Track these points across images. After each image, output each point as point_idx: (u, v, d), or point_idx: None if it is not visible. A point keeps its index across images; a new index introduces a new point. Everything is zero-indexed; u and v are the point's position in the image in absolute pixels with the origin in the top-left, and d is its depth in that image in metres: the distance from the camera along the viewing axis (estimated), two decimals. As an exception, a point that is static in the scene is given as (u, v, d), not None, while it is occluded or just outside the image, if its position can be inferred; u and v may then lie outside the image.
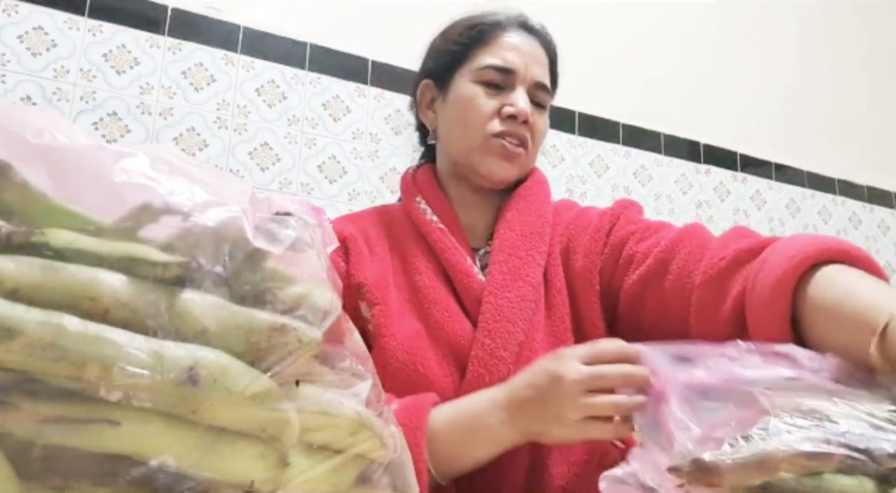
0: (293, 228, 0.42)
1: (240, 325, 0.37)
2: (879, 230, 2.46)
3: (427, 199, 0.92)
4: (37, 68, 1.40)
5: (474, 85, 0.88)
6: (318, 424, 0.39)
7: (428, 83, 0.95)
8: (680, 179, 2.11)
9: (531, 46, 0.91)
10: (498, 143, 0.87)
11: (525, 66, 0.89)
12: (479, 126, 0.87)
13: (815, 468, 0.43)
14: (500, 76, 0.88)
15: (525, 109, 0.86)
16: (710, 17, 2.28)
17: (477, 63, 0.89)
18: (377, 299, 0.84)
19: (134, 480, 0.33)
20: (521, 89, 0.88)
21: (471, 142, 0.88)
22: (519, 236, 0.87)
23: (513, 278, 0.83)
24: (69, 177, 0.38)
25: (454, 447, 0.69)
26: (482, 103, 0.87)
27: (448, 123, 0.91)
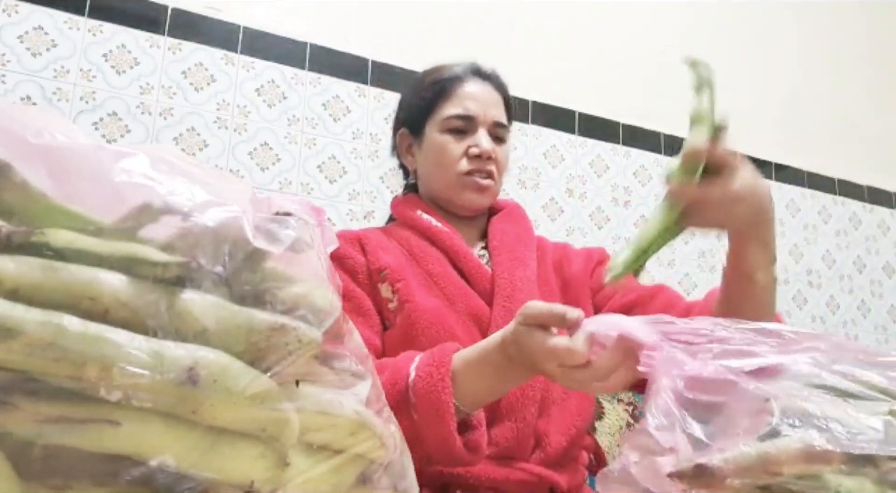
0: (293, 229, 0.42)
1: (240, 325, 0.37)
2: (879, 230, 2.46)
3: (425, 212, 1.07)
4: (37, 68, 1.40)
5: (443, 134, 1.04)
6: (318, 424, 0.39)
7: (404, 132, 1.11)
8: (680, 179, 2.11)
9: (486, 92, 1.07)
10: (470, 179, 1.03)
11: (483, 111, 1.05)
12: (451, 167, 1.03)
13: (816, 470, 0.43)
14: (463, 123, 1.04)
15: (488, 149, 1.03)
16: (710, 17, 2.29)
17: (443, 114, 1.05)
18: (399, 276, 0.96)
19: (134, 480, 0.33)
20: (483, 130, 1.04)
21: (447, 181, 1.04)
22: (512, 238, 1.05)
23: (517, 266, 1.00)
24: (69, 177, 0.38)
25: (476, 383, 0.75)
26: (451, 148, 1.03)
27: (426, 167, 1.08)
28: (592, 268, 1.07)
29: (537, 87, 1.91)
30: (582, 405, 0.95)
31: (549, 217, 1.89)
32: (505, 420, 0.88)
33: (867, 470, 0.43)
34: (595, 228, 1.95)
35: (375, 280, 0.97)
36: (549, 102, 1.94)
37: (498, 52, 1.90)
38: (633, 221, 2.01)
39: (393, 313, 0.94)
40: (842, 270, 2.34)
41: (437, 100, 1.06)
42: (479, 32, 1.87)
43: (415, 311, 0.91)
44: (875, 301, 2.39)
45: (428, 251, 1.00)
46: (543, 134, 1.92)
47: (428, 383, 0.74)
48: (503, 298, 0.94)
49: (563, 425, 0.92)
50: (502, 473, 0.85)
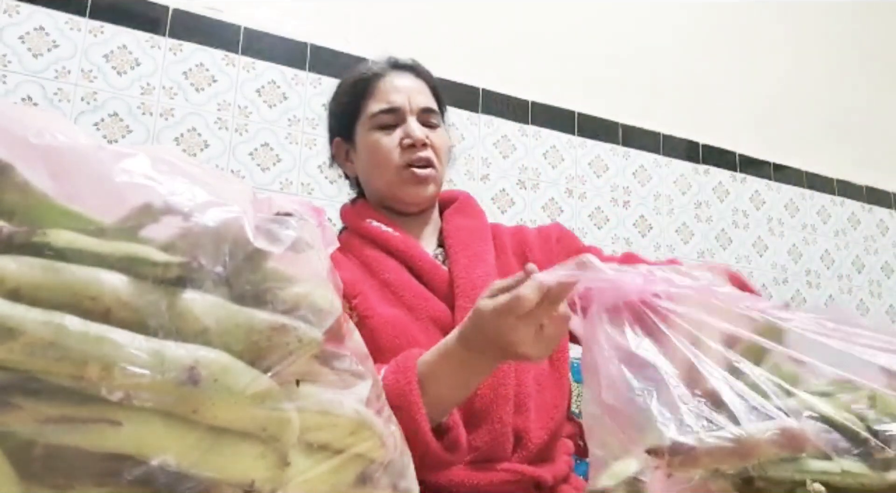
0: (294, 229, 0.42)
1: (240, 325, 0.37)
2: (878, 230, 2.46)
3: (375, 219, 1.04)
4: (38, 69, 1.41)
5: (372, 132, 1.02)
6: (318, 423, 0.40)
7: (338, 141, 1.09)
8: (679, 179, 2.12)
9: (408, 81, 1.05)
10: (408, 172, 1.00)
11: (407, 99, 1.02)
12: (387, 164, 1.00)
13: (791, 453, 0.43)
14: (389, 117, 1.02)
15: (419, 136, 1.00)
16: (708, 17, 2.29)
17: (368, 113, 1.03)
18: (355, 291, 0.93)
19: (135, 479, 0.33)
20: (412, 119, 1.01)
21: (387, 178, 1.01)
22: (468, 234, 1.01)
23: (476, 262, 0.96)
24: (70, 177, 0.38)
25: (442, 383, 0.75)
26: (384, 144, 1.01)
27: (364, 169, 1.05)
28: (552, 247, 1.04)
29: (537, 87, 1.91)
30: (558, 396, 0.94)
31: (549, 217, 1.89)
32: (481, 423, 0.86)
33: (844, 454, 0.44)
34: (595, 228, 1.95)
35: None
36: (548, 103, 1.94)
37: (498, 52, 1.90)
38: (632, 222, 2.01)
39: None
40: (841, 270, 2.34)
41: (360, 100, 1.04)
42: (479, 33, 1.87)
43: (375, 325, 0.89)
44: (874, 301, 2.39)
45: (382, 261, 0.97)
46: (543, 134, 1.92)
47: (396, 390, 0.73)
48: (464, 299, 0.92)
49: (542, 419, 0.90)
50: (485, 476, 0.84)
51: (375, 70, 1.05)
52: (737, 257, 2.13)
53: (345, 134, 1.07)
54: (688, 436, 0.44)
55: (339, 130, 1.09)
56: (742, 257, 2.14)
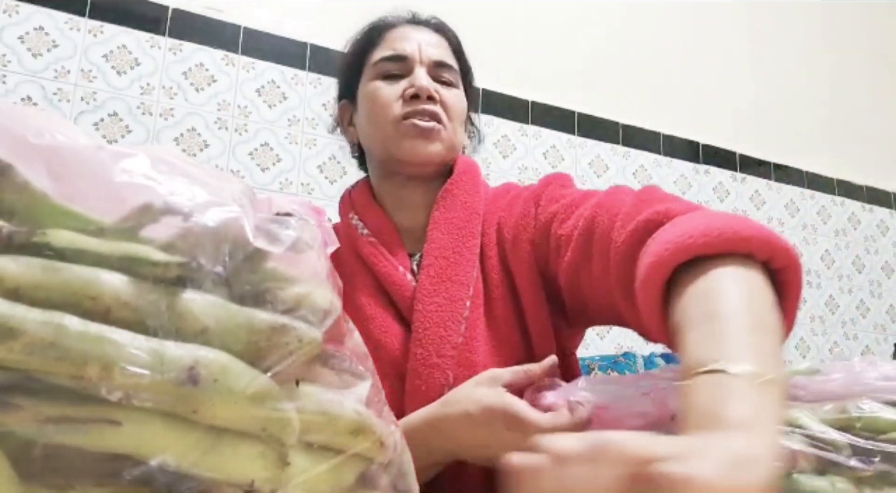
0: (293, 229, 0.42)
1: (240, 325, 0.37)
2: (878, 230, 2.46)
3: (360, 213, 0.91)
4: (38, 69, 1.41)
5: (373, 81, 0.88)
6: (318, 424, 0.40)
7: (343, 103, 0.96)
8: (679, 179, 2.12)
9: (423, 33, 0.91)
10: (408, 123, 0.84)
11: (418, 49, 0.88)
12: (385, 114, 0.86)
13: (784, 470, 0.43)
14: (395, 65, 0.88)
15: (425, 85, 0.85)
16: (709, 17, 2.29)
17: (371, 61, 0.90)
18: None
19: (135, 479, 0.33)
20: (420, 69, 0.87)
21: (384, 132, 0.86)
22: (447, 236, 0.85)
23: (441, 281, 0.81)
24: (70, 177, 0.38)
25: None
26: (384, 93, 0.86)
27: (362, 126, 0.91)
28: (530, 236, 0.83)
29: (537, 87, 1.91)
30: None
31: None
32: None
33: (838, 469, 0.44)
34: (595, 228, 1.95)
35: None
36: (549, 103, 1.94)
37: (498, 52, 1.90)
38: (632, 222, 2.01)
39: None
40: (841, 270, 2.34)
41: (365, 51, 0.91)
42: (479, 33, 1.87)
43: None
44: (874, 301, 2.39)
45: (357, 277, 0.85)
46: (543, 134, 1.92)
47: None
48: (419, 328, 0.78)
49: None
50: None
51: (388, 20, 0.93)
52: (737, 257, 2.13)
53: (348, 94, 0.94)
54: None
55: (343, 90, 0.96)
56: (742, 257, 2.14)
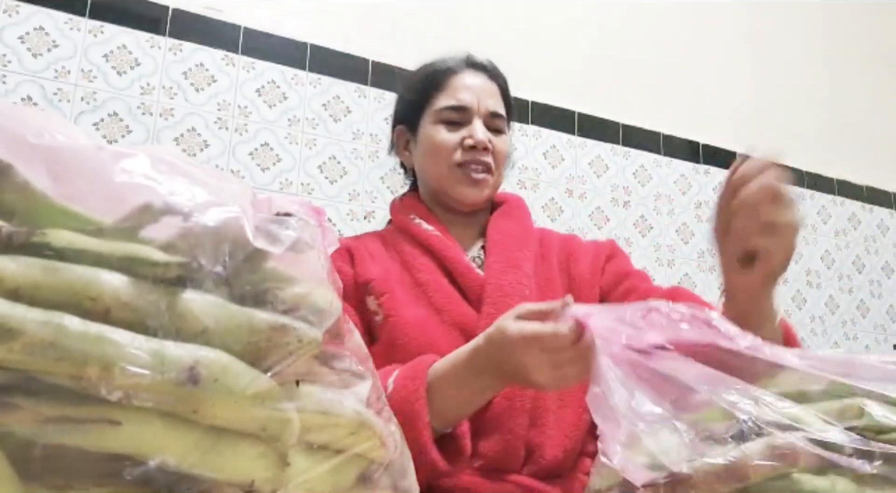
0: (294, 229, 0.42)
1: (240, 325, 0.37)
2: (878, 230, 2.46)
3: (419, 216, 1.03)
4: (38, 69, 1.40)
5: (436, 125, 1.01)
6: (318, 424, 0.40)
7: (401, 129, 1.09)
8: (679, 179, 2.12)
9: (481, 82, 1.04)
10: (464, 172, 0.99)
11: (477, 100, 1.01)
12: (445, 159, 1.00)
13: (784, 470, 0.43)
14: (457, 114, 1.01)
15: (482, 139, 0.99)
16: (710, 17, 2.29)
17: (436, 106, 1.02)
18: (384, 289, 0.93)
19: (135, 479, 0.33)
20: (478, 121, 1.00)
21: (441, 173, 1.01)
22: (509, 239, 1.00)
23: (509, 267, 0.95)
24: (70, 177, 0.38)
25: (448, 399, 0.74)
26: (445, 139, 1.00)
27: (420, 161, 1.05)
28: (601, 265, 1.02)
29: (537, 87, 1.91)
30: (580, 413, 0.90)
31: (549, 217, 1.89)
32: (492, 432, 0.85)
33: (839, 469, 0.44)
34: (595, 228, 1.95)
35: (363, 293, 0.94)
36: (548, 103, 1.94)
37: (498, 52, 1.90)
38: (632, 222, 2.01)
39: (379, 327, 0.91)
40: (841, 270, 2.34)
41: (430, 92, 1.03)
42: (479, 32, 1.87)
43: (398, 324, 0.89)
44: (874, 301, 2.39)
45: (419, 260, 0.97)
46: (543, 134, 1.92)
47: (403, 395, 0.73)
48: (490, 305, 0.91)
49: (559, 437, 0.87)
50: (491, 486, 0.82)
51: (450, 65, 1.04)
52: (737, 257, 2.13)
53: (408, 123, 1.07)
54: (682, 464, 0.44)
55: (404, 118, 1.08)
56: (742, 257, 2.14)
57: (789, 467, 0.43)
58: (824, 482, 0.43)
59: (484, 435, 0.85)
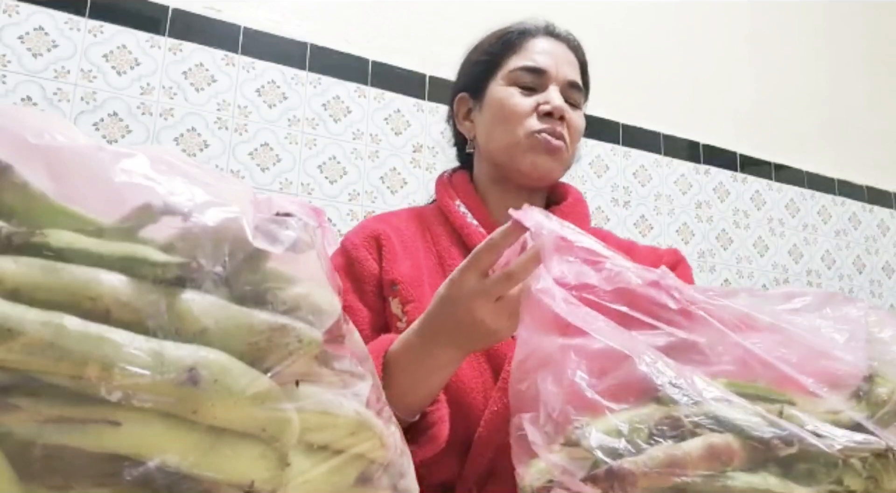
0: (293, 229, 0.42)
1: (240, 325, 0.37)
2: (879, 230, 2.46)
3: (466, 202, 0.94)
4: (37, 69, 1.40)
5: (509, 88, 0.91)
6: (318, 424, 0.40)
7: (463, 96, 0.98)
8: (679, 179, 2.12)
9: (560, 49, 0.95)
10: (541, 138, 0.88)
11: (556, 66, 0.91)
12: (518, 123, 0.89)
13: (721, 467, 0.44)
14: (532, 77, 0.91)
15: (560, 106, 0.88)
16: (710, 17, 2.29)
17: (509, 68, 0.92)
18: (411, 296, 0.85)
19: (134, 480, 0.33)
20: (555, 87, 0.90)
21: (512, 139, 0.89)
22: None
23: None
24: (69, 177, 0.38)
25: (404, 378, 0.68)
26: (519, 102, 0.89)
27: (487, 127, 0.93)
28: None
29: (537, 87, 1.91)
30: None
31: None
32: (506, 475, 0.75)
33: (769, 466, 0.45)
34: (595, 228, 1.95)
35: (386, 293, 0.86)
36: (549, 103, 1.94)
37: (498, 52, 1.90)
38: (632, 222, 2.01)
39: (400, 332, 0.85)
40: (841, 270, 2.34)
41: (502, 55, 0.94)
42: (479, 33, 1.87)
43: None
44: (875, 302, 2.39)
45: (455, 261, 0.87)
46: (543, 134, 1.92)
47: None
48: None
49: None
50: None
51: (527, 27, 0.96)
52: (737, 258, 2.13)
53: (473, 89, 0.96)
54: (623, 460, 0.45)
55: (469, 83, 0.98)
56: (743, 258, 2.14)
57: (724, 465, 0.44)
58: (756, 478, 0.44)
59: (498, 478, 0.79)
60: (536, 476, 0.49)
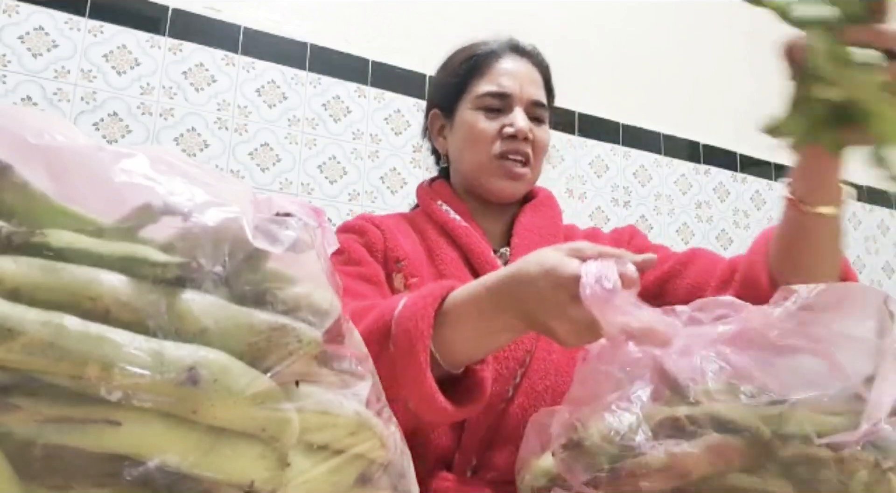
0: (293, 229, 0.42)
1: (240, 325, 0.37)
2: (879, 230, 2.46)
3: (447, 203, 0.99)
4: (37, 69, 1.40)
5: (475, 111, 0.97)
6: (318, 424, 0.40)
7: (436, 113, 1.04)
8: (679, 179, 2.12)
9: (524, 68, 0.99)
10: (503, 164, 0.94)
11: (520, 87, 0.97)
12: (483, 148, 0.95)
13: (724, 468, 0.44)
14: (497, 101, 0.96)
15: (524, 128, 0.94)
16: (710, 17, 2.29)
17: (476, 92, 0.97)
18: (415, 272, 0.89)
19: (134, 480, 0.33)
20: (519, 109, 0.96)
21: (479, 162, 0.96)
22: (536, 236, 0.96)
23: None
24: (69, 177, 0.38)
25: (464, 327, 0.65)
26: (484, 127, 0.95)
27: (457, 147, 1.00)
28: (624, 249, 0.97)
29: (537, 87, 1.91)
30: None
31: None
32: (505, 444, 0.81)
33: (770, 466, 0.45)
34: (595, 228, 1.95)
35: (391, 268, 0.90)
36: (549, 103, 1.94)
37: (498, 52, 1.90)
38: (632, 222, 2.01)
39: None
40: (842, 270, 2.34)
41: (470, 77, 0.98)
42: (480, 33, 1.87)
43: None
44: (875, 301, 2.39)
45: (443, 251, 0.92)
46: (543, 134, 1.92)
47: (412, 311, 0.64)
48: None
49: None
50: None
51: (492, 48, 1.00)
52: (737, 257, 2.13)
53: (444, 108, 1.02)
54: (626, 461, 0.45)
55: (440, 101, 1.03)
56: (742, 257, 2.14)
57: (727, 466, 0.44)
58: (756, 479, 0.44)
59: (497, 447, 0.81)
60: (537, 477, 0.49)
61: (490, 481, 0.80)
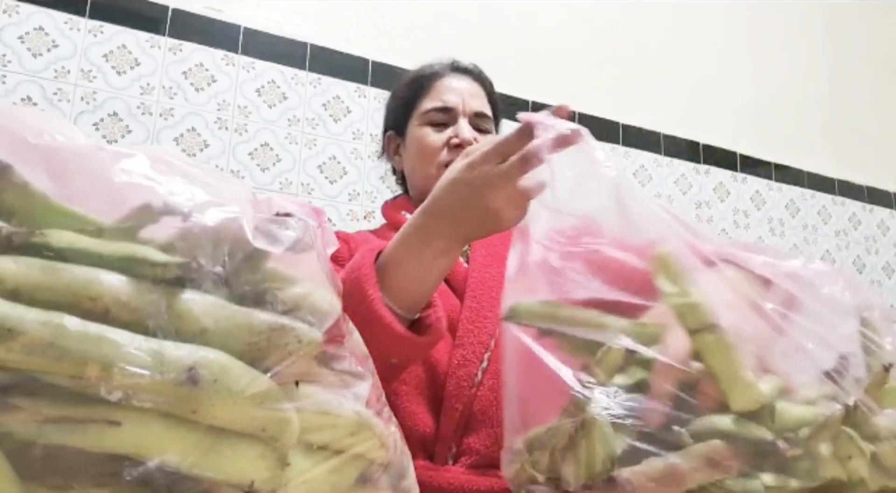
0: (293, 229, 0.42)
1: (239, 325, 0.37)
2: (879, 231, 2.46)
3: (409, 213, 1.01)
4: (37, 69, 1.40)
5: (423, 127, 1.03)
6: (318, 424, 0.40)
7: (391, 134, 1.11)
8: (679, 179, 2.12)
9: (465, 84, 1.06)
10: None
11: (462, 101, 1.03)
12: (432, 159, 1.01)
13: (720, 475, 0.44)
14: (442, 115, 1.03)
15: (468, 137, 0.99)
16: (709, 17, 2.29)
17: (422, 109, 1.04)
18: None
19: (134, 480, 0.33)
20: (463, 121, 1.02)
21: (428, 174, 1.01)
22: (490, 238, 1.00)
23: (493, 260, 0.97)
24: (69, 177, 0.38)
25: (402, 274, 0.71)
26: (431, 140, 1.02)
27: (409, 163, 1.07)
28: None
29: (536, 87, 1.91)
30: None
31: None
32: (481, 427, 0.84)
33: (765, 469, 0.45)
34: (595, 228, 1.95)
35: None
36: (549, 103, 1.94)
37: (498, 52, 1.90)
38: (633, 222, 2.01)
39: None
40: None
41: (416, 97, 1.06)
42: (480, 33, 1.87)
43: None
44: (875, 301, 2.39)
45: None
46: (543, 134, 1.92)
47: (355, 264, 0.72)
48: (472, 297, 0.92)
49: None
50: (485, 481, 0.80)
51: (435, 69, 1.07)
52: (737, 257, 2.13)
53: (397, 128, 1.10)
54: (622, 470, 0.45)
55: (393, 123, 1.11)
56: (742, 257, 2.14)
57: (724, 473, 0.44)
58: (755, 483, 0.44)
59: (473, 431, 0.84)
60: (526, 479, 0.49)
61: (471, 465, 0.83)
